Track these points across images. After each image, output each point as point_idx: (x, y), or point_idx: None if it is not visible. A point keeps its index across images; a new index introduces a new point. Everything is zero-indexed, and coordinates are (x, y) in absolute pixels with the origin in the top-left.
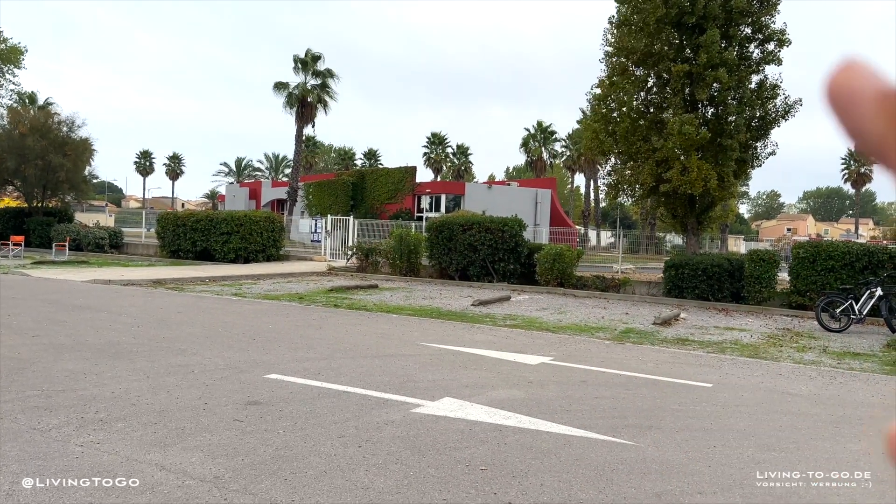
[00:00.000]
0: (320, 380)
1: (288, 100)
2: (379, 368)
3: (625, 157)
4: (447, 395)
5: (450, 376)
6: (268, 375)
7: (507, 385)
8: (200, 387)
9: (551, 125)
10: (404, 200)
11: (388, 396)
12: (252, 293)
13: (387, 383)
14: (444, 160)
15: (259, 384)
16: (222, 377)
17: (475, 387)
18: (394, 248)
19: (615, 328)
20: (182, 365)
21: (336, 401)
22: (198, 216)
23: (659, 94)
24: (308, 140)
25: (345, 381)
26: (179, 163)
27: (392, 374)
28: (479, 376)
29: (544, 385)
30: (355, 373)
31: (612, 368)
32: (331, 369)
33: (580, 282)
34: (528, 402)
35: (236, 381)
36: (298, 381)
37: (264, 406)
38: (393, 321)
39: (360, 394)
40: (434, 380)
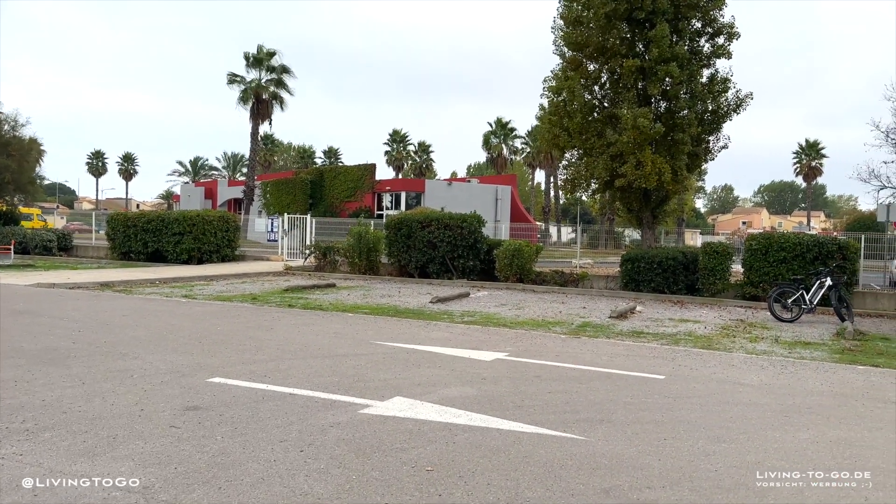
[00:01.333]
0: (266, 382)
1: (242, 96)
2: (329, 369)
3: (580, 151)
4: (398, 394)
5: (402, 375)
6: (211, 379)
7: (459, 382)
8: (138, 392)
9: (511, 121)
10: (364, 198)
11: (335, 397)
12: (203, 295)
13: (336, 384)
14: (405, 158)
15: (201, 388)
16: (162, 382)
17: (427, 385)
18: (352, 246)
19: (572, 322)
20: (122, 370)
21: (280, 404)
22: (149, 217)
23: (612, 90)
24: (266, 138)
25: (292, 383)
26: (133, 163)
27: (342, 374)
28: (432, 374)
29: (497, 381)
30: (304, 374)
31: (567, 363)
32: (278, 371)
33: (539, 277)
34: (480, 400)
35: (177, 385)
36: (243, 385)
37: (204, 411)
38: (348, 320)
39: (307, 396)
40: (385, 379)
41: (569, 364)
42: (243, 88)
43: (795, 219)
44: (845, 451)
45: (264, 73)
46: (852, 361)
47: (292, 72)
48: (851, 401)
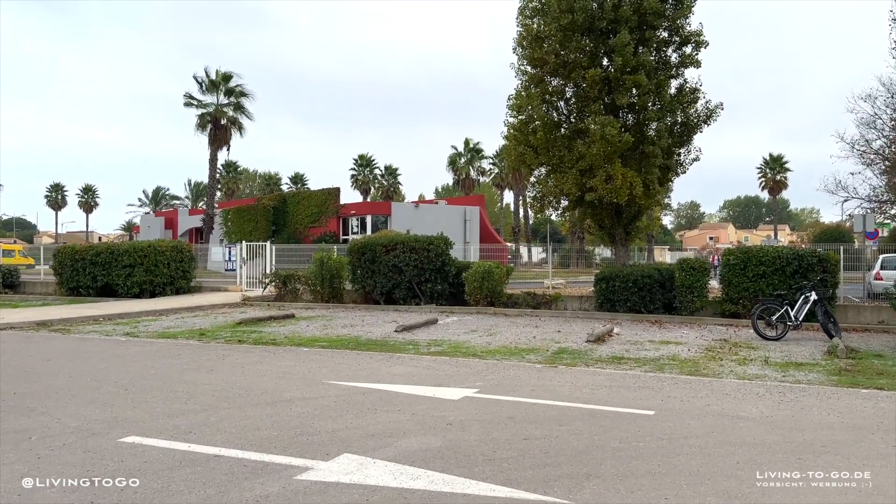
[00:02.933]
0: (190, 440)
1: (199, 121)
2: (268, 420)
3: (548, 167)
4: (346, 450)
5: (354, 423)
6: (124, 439)
7: (421, 430)
8: (30, 460)
9: (479, 143)
10: (329, 224)
11: (270, 458)
12: (147, 332)
13: (273, 439)
14: (371, 182)
15: (108, 452)
16: (64, 444)
17: (382, 436)
18: (314, 273)
19: (547, 349)
20: (21, 430)
21: (200, 470)
22: (97, 249)
23: (577, 104)
24: (229, 165)
25: (220, 441)
26: (93, 195)
27: (283, 426)
28: (389, 421)
29: (465, 426)
30: (237, 428)
31: (544, 398)
32: (207, 425)
33: (511, 300)
34: (444, 453)
35: (80, 449)
36: (160, 445)
37: (99, 487)
38: (301, 356)
39: (235, 458)
40: (333, 430)
41: (546, 400)
42: (200, 113)
43: (761, 233)
44: None
45: (222, 97)
46: (853, 384)
47: (251, 95)
48: (868, 434)
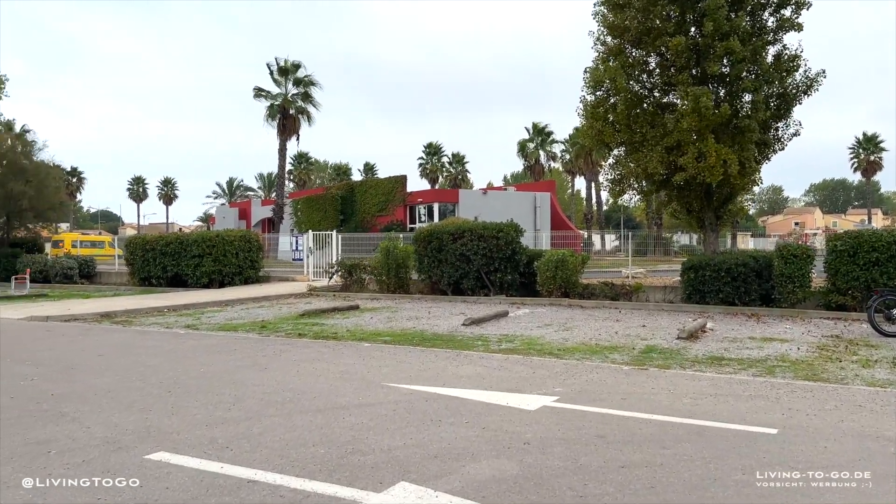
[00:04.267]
0: (224, 459)
1: (269, 112)
2: (317, 432)
3: (629, 146)
4: (404, 476)
5: (414, 440)
6: (151, 455)
7: (493, 450)
8: (40, 479)
9: (548, 126)
10: (396, 212)
11: (311, 487)
12: (209, 324)
13: (320, 459)
14: (439, 170)
15: (131, 471)
16: (83, 461)
17: (447, 458)
18: (380, 263)
19: (633, 346)
20: (43, 441)
21: (228, 502)
22: (167, 239)
23: (662, 76)
24: (300, 157)
25: (259, 460)
26: (172, 187)
27: (332, 440)
28: (455, 437)
29: (546, 447)
30: (280, 442)
31: (639, 410)
32: (248, 438)
33: (587, 290)
34: (522, 485)
35: (100, 467)
36: (189, 465)
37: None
38: (362, 353)
39: (272, 484)
40: (390, 448)
41: (641, 413)
42: (269, 104)
43: (852, 218)
44: None
45: (291, 87)
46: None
47: (319, 84)
48: None
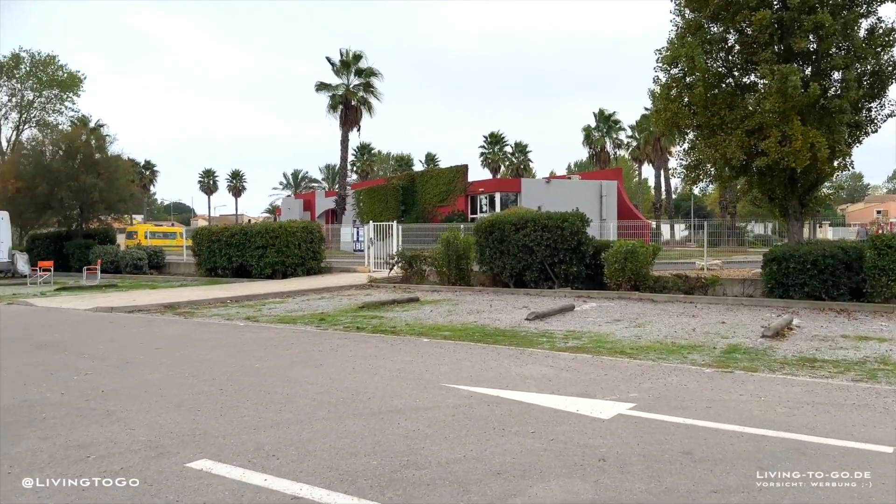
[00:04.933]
0: (269, 470)
1: (331, 103)
2: (370, 439)
3: (705, 130)
4: (462, 498)
5: (475, 451)
6: (192, 463)
7: (564, 468)
8: (69, 493)
9: (615, 113)
10: (457, 202)
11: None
12: (269, 315)
13: (371, 472)
14: (501, 160)
15: (167, 485)
16: (122, 469)
17: (512, 475)
18: (440, 254)
19: (714, 346)
20: (84, 444)
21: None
22: (232, 230)
23: (743, 54)
24: (363, 148)
25: (305, 472)
26: (241, 179)
27: (386, 450)
28: (520, 450)
29: (625, 465)
30: (330, 451)
31: (728, 422)
32: (297, 444)
33: (658, 283)
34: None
35: (137, 474)
36: (231, 476)
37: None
38: (420, 349)
39: (316, 502)
40: (448, 462)
41: (731, 425)
42: (331, 95)
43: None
44: None
45: (352, 78)
46: None
47: (380, 74)
48: None
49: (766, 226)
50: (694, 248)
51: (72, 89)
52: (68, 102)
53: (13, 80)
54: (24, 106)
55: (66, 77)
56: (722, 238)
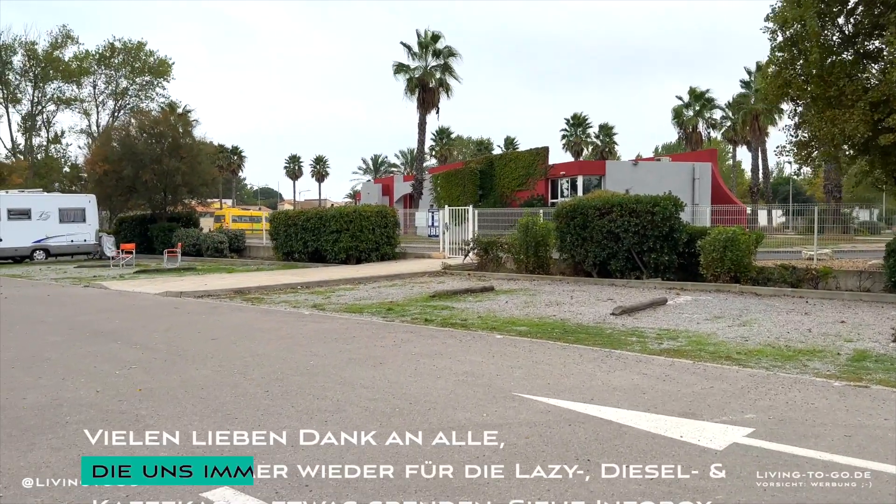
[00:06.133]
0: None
1: (408, 85)
2: (423, 466)
3: (820, 102)
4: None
5: (554, 491)
6: (210, 493)
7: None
8: (40, 479)
9: (708, 91)
10: (536, 186)
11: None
12: (337, 303)
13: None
14: (584, 142)
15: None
16: (128, 496)
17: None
18: (518, 240)
19: (837, 351)
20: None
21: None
22: (308, 214)
23: (865, 15)
24: (442, 132)
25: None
26: (324, 165)
27: (440, 482)
28: (613, 491)
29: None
30: (372, 482)
31: (876, 459)
32: (336, 471)
33: (762, 275)
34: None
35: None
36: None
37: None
38: (492, 347)
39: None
40: (520, 499)
41: (880, 463)
42: (408, 77)
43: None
44: None
45: (430, 59)
46: None
47: (459, 55)
48: None
49: (871, 212)
50: (794, 236)
51: (162, 75)
52: (159, 88)
53: (109, 68)
54: (119, 93)
55: (157, 63)
56: (826, 225)
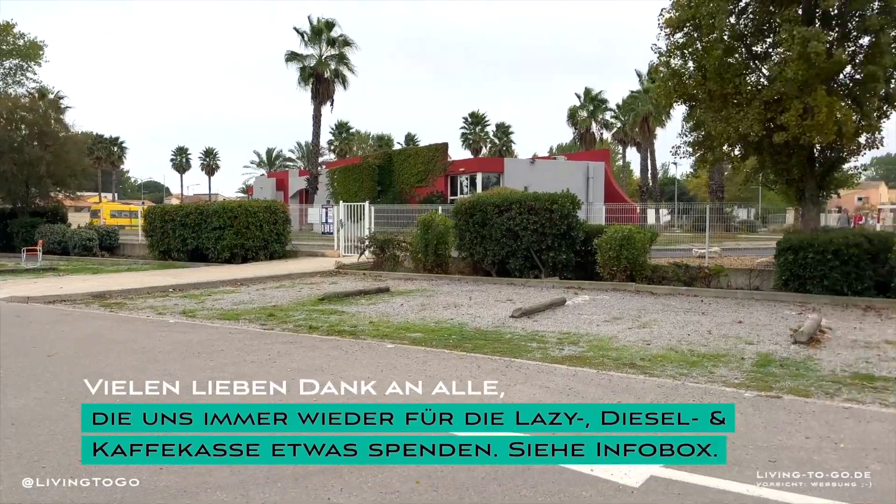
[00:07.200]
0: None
1: (301, 75)
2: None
3: (716, 101)
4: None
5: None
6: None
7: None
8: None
9: (602, 92)
10: (436, 183)
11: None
12: (211, 309)
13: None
14: (483, 140)
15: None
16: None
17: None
18: (416, 238)
19: (741, 355)
20: None
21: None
22: (187, 209)
23: (759, 14)
24: (340, 126)
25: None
26: (214, 157)
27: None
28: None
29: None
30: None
31: (814, 494)
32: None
33: (657, 273)
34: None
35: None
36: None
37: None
38: (382, 359)
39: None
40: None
41: (818, 499)
42: (301, 67)
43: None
44: None
45: (325, 48)
46: None
47: (355, 44)
48: None
49: (748, 211)
50: (680, 234)
51: (32, 59)
52: (30, 73)
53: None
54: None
55: (28, 46)
56: (711, 223)
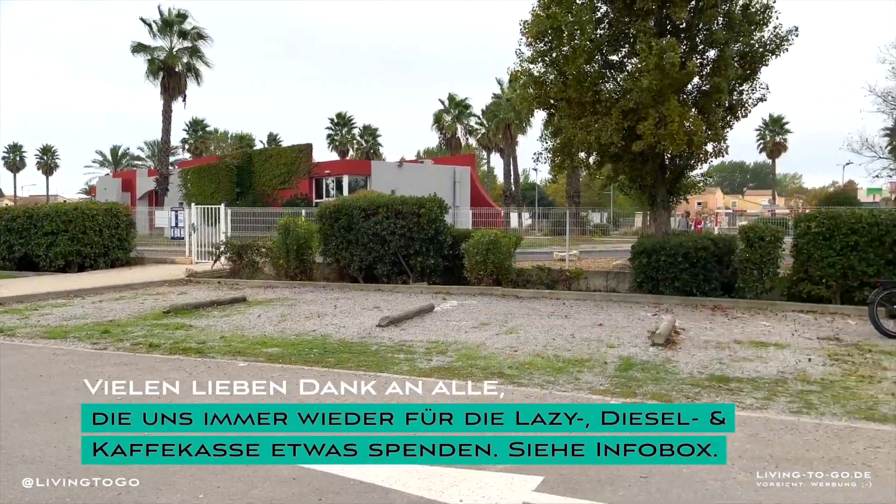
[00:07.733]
0: None
1: (150, 68)
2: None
3: (576, 108)
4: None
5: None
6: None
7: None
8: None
9: (466, 99)
10: (299, 185)
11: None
12: (35, 326)
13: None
14: (350, 142)
15: None
16: None
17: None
18: (277, 243)
19: (604, 360)
20: None
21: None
22: (14, 213)
23: (615, 25)
24: (196, 124)
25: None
26: (53, 155)
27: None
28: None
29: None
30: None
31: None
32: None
33: (521, 277)
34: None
35: None
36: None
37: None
38: (232, 379)
39: None
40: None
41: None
42: (149, 59)
43: (752, 198)
44: None
45: (176, 40)
46: None
47: (210, 37)
48: None
49: (601, 215)
50: (541, 237)
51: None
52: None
53: None
54: None
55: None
56: (565, 227)
